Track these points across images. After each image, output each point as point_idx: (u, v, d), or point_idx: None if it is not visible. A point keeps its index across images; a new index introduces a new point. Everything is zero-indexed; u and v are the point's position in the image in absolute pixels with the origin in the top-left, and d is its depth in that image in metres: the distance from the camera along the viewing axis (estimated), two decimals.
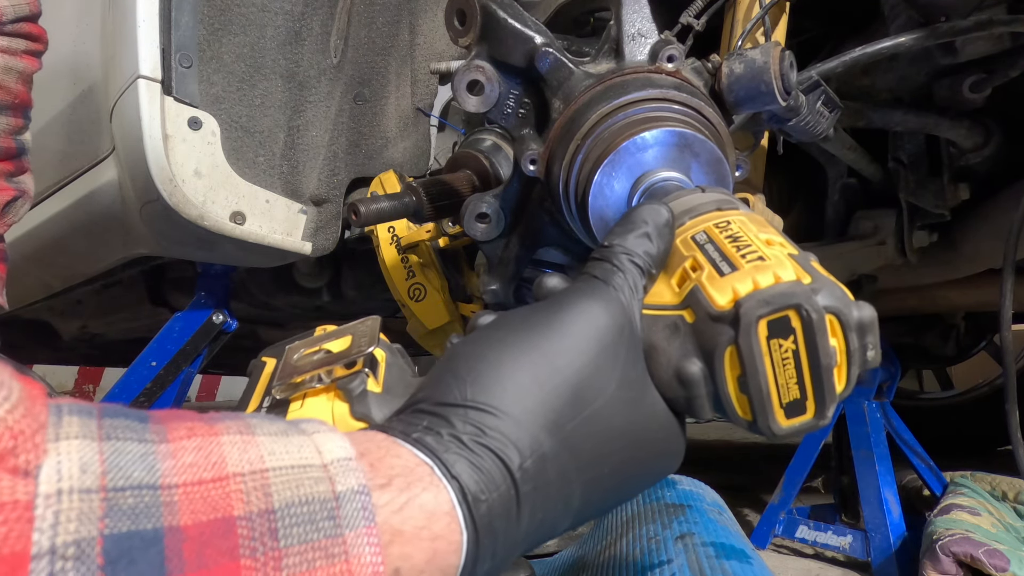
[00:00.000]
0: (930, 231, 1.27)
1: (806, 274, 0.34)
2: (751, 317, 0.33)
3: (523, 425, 0.32)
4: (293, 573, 0.26)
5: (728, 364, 0.34)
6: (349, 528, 0.28)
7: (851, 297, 0.35)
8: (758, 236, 0.37)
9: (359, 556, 0.27)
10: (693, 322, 0.35)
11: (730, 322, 0.33)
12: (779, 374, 0.33)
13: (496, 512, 0.31)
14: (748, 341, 0.33)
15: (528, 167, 0.58)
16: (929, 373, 2.53)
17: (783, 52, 0.62)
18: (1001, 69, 1.03)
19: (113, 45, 1.03)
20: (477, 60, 0.57)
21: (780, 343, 0.33)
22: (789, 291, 0.33)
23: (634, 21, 0.58)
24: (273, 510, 0.26)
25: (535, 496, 0.32)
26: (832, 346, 0.34)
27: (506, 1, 0.57)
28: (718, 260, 0.36)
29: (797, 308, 0.33)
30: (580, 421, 0.34)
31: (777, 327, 0.33)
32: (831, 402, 0.34)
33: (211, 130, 1.04)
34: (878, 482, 1.21)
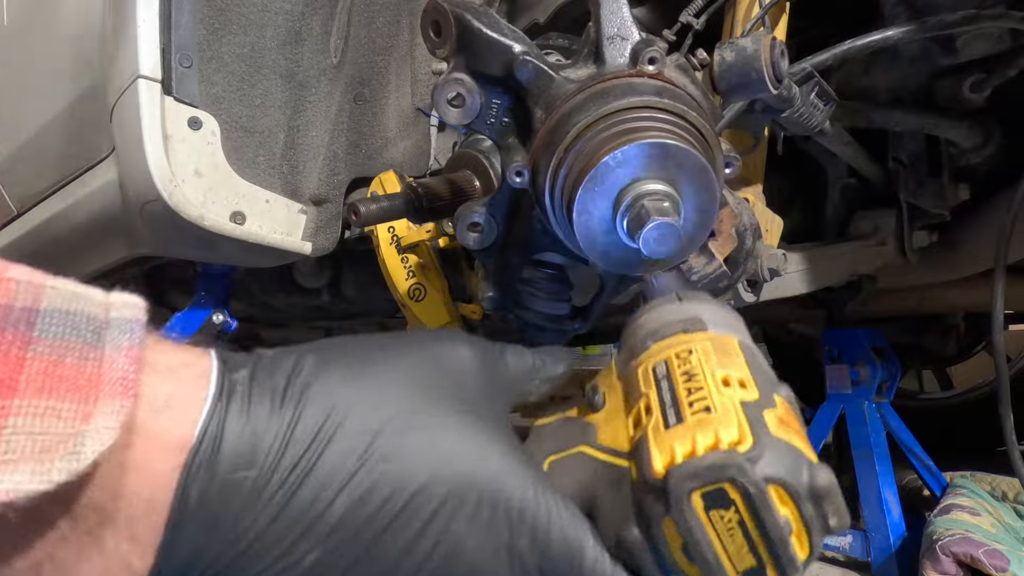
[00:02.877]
0: (930, 231, 1.27)
1: (749, 435, 0.31)
2: (681, 491, 0.30)
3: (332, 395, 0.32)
4: (40, 359, 0.26)
5: (668, 534, 0.32)
6: (111, 345, 0.28)
7: (809, 456, 0.32)
8: (715, 373, 0.34)
9: (112, 362, 0.28)
10: (635, 481, 0.33)
11: (661, 495, 0.31)
12: (727, 543, 0.31)
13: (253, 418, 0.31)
14: (682, 516, 0.30)
15: (514, 179, 0.58)
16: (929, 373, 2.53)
17: (774, 40, 0.62)
18: (1001, 69, 1.03)
19: (113, 45, 1.03)
20: (455, 72, 0.56)
21: (722, 514, 0.31)
22: (721, 463, 0.30)
23: (613, 22, 0.56)
24: (37, 309, 0.27)
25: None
26: (783, 516, 0.31)
27: (481, 9, 0.56)
28: (668, 405, 0.33)
29: (731, 482, 0.30)
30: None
31: (714, 499, 0.30)
32: (794, 571, 0.31)
33: (211, 130, 1.04)
34: (878, 482, 1.21)
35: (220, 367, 0.32)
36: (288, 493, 0.30)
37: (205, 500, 0.29)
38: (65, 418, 0.26)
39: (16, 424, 0.25)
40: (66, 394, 0.26)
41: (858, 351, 1.32)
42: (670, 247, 0.47)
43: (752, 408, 0.33)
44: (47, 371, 0.26)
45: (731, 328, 0.38)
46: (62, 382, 0.26)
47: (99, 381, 0.27)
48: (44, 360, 0.26)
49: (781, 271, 0.77)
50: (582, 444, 0.37)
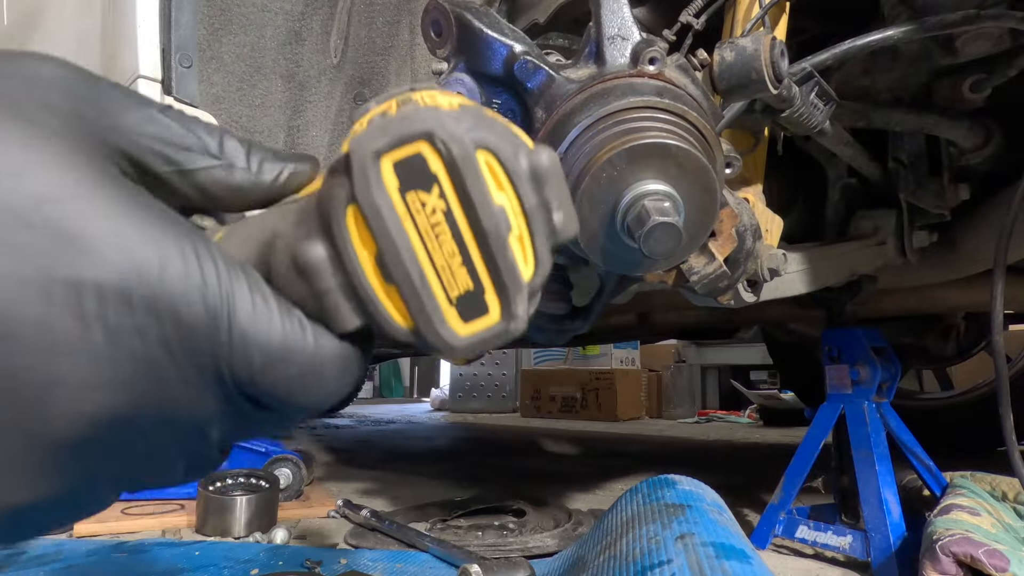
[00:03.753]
0: (930, 231, 1.28)
1: (457, 103, 0.25)
2: (364, 152, 0.23)
3: None
4: None
5: (355, 234, 0.23)
6: None
7: (523, 138, 0.25)
8: (434, 97, 0.26)
9: None
10: (319, 190, 0.25)
11: (344, 169, 0.23)
12: (432, 249, 0.23)
13: None
14: (366, 187, 0.22)
15: None
16: (929, 373, 2.53)
17: (774, 40, 0.62)
18: (1001, 69, 1.04)
19: (113, 45, 1.03)
20: (456, 72, 0.57)
21: (421, 199, 0.23)
22: (415, 114, 0.23)
23: (613, 22, 0.57)
24: None
25: None
26: (498, 204, 0.23)
27: (482, 10, 0.57)
28: (376, 118, 0.25)
29: (429, 138, 0.23)
30: None
31: (410, 172, 0.23)
32: (516, 290, 0.24)
33: None
34: (878, 482, 1.21)
35: None
36: None
37: None
38: None
39: None
40: None
41: (858, 351, 1.32)
42: (670, 247, 0.47)
43: (464, 107, 0.25)
44: None
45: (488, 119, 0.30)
46: None
47: None
48: None
49: (781, 271, 0.77)
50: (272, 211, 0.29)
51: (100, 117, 0.27)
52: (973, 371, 2.22)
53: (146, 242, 0.23)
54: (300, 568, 1.09)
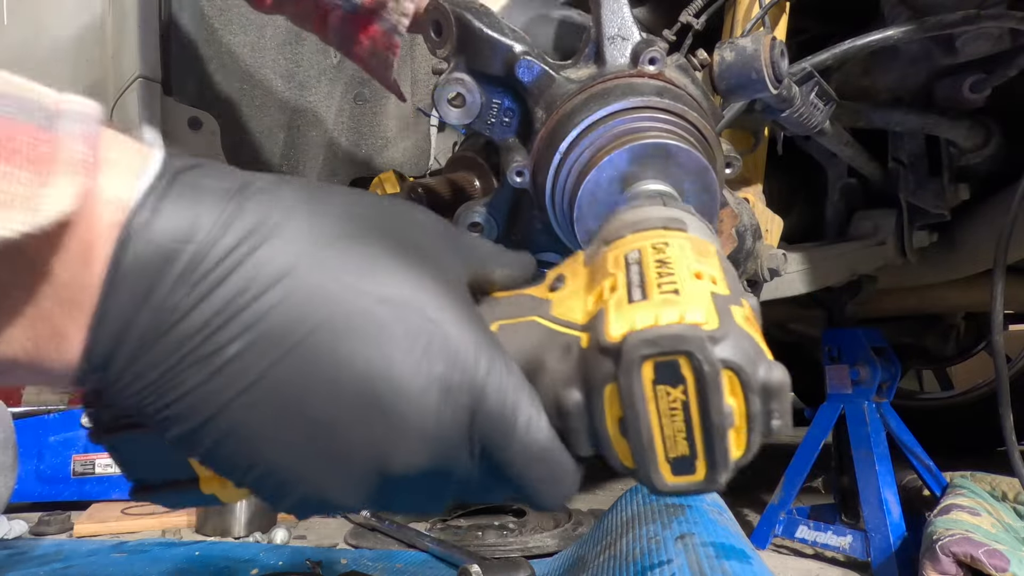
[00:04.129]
0: (930, 231, 1.28)
1: (715, 317, 0.30)
2: (634, 356, 0.29)
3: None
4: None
5: (608, 402, 0.30)
6: (65, 131, 0.27)
7: (767, 354, 0.31)
8: (689, 266, 0.33)
9: (69, 145, 0.27)
10: (586, 348, 0.32)
11: (613, 357, 0.30)
12: (665, 424, 0.30)
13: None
14: (628, 381, 0.29)
15: (515, 179, 0.58)
16: (929, 373, 2.53)
17: (774, 40, 0.62)
18: (1001, 69, 1.03)
19: (113, 45, 1.03)
20: (456, 72, 0.56)
21: (668, 391, 0.29)
22: (680, 334, 0.29)
23: (613, 22, 0.56)
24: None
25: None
26: (729, 405, 0.30)
27: (482, 10, 0.56)
28: (635, 285, 0.32)
29: (688, 356, 0.29)
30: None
31: (665, 372, 0.29)
32: (723, 468, 0.30)
33: (211, 130, 1.04)
34: (878, 482, 1.21)
35: (165, 156, 0.31)
36: (223, 273, 0.29)
37: (141, 264, 0.28)
38: (23, 183, 0.25)
39: None
40: (21, 164, 0.25)
41: (858, 351, 1.32)
42: None
43: (720, 300, 0.31)
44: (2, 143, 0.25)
45: (710, 238, 0.38)
46: (15, 155, 0.25)
47: (54, 160, 0.26)
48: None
49: (781, 271, 0.77)
50: (534, 314, 0.36)
51: (460, 251, 0.37)
52: (973, 371, 2.22)
53: (485, 350, 0.32)
54: (300, 568, 1.09)
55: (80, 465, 1.61)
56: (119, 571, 1.09)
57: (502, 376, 0.32)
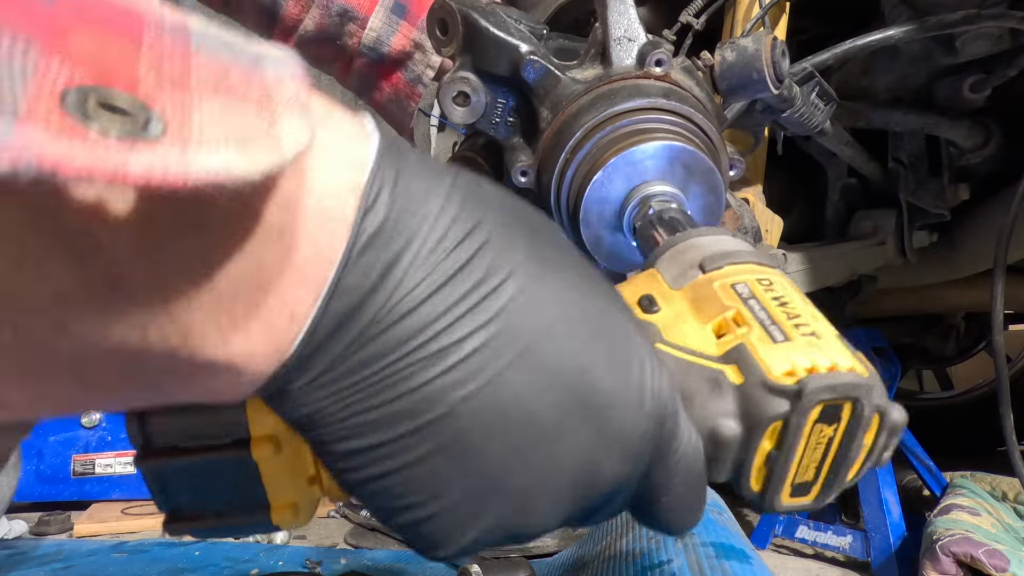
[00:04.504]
0: (930, 231, 1.28)
1: (862, 365, 0.33)
2: (814, 399, 0.31)
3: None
4: (204, 67, 0.21)
5: (767, 436, 0.32)
6: (272, 72, 0.23)
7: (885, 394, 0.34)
8: (804, 306, 0.35)
9: (280, 84, 0.23)
10: (741, 384, 0.33)
11: (789, 397, 0.31)
12: (806, 456, 0.32)
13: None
14: (800, 421, 0.31)
15: (519, 179, 0.58)
16: (929, 373, 2.53)
17: (775, 40, 0.62)
18: (1001, 69, 1.04)
19: None
20: (461, 71, 0.56)
21: (823, 428, 0.32)
22: (854, 383, 0.31)
23: (620, 23, 0.57)
24: (187, 28, 0.22)
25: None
26: (864, 442, 0.33)
27: (488, 9, 0.56)
28: (767, 323, 0.34)
29: (855, 401, 0.32)
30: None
31: (829, 413, 0.32)
32: (835, 491, 0.34)
33: None
34: (878, 482, 1.21)
35: (377, 126, 0.27)
36: (461, 261, 0.26)
37: (384, 229, 0.25)
38: (250, 118, 0.21)
39: (202, 116, 0.20)
40: (243, 97, 0.21)
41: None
42: None
43: (847, 343, 0.34)
44: (216, 79, 0.21)
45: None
46: (232, 91, 0.21)
47: (271, 98, 0.22)
48: (209, 68, 0.21)
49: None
50: (653, 340, 0.35)
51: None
52: (973, 371, 2.22)
53: (663, 368, 0.32)
54: (300, 568, 1.09)
55: (80, 465, 1.61)
56: (119, 571, 1.09)
57: (677, 397, 0.32)
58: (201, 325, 0.22)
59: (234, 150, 0.20)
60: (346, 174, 0.25)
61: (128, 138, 0.18)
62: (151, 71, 0.20)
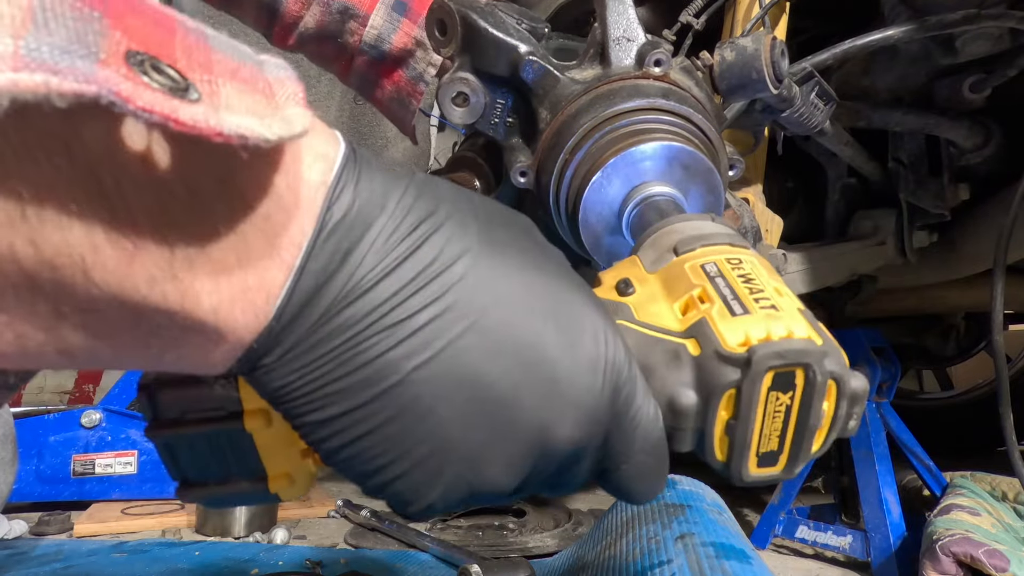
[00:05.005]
0: (930, 231, 1.28)
1: (817, 334, 0.34)
2: (763, 366, 0.32)
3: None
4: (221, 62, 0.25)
5: (723, 405, 0.33)
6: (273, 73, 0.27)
7: (846, 362, 0.35)
8: (769, 282, 0.36)
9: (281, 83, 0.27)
10: (698, 355, 0.34)
11: (740, 365, 0.32)
12: (766, 425, 0.33)
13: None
14: (752, 388, 0.32)
15: (518, 179, 0.58)
16: (929, 373, 2.53)
17: (774, 40, 0.62)
18: (1001, 69, 1.04)
19: None
20: (460, 72, 0.56)
21: (778, 396, 0.33)
22: (803, 349, 0.32)
23: (619, 24, 0.56)
24: (204, 32, 0.26)
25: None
26: (823, 410, 0.34)
27: (487, 9, 0.56)
28: (729, 298, 0.35)
29: (807, 368, 0.32)
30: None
31: (781, 381, 0.33)
32: (803, 461, 0.34)
33: None
34: (878, 482, 1.21)
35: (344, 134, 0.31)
36: (415, 243, 0.29)
37: (344, 222, 0.28)
38: (262, 102, 0.25)
39: (227, 92, 0.24)
40: (254, 88, 0.26)
41: (858, 351, 1.32)
42: None
43: (808, 316, 0.35)
44: (232, 71, 0.25)
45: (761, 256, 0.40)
46: (246, 81, 0.25)
47: (275, 92, 0.26)
48: (225, 62, 0.25)
49: (781, 271, 0.77)
50: (620, 318, 0.37)
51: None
52: (973, 371, 2.22)
53: (622, 340, 0.34)
54: (300, 568, 1.09)
55: (80, 465, 1.61)
56: (119, 571, 1.09)
57: (634, 365, 0.34)
58: (197, 289, 0.25)
59: (255, 118, 0.24)
60: (319, 169, 0.28)
61: (176, 96, 0.22)
62: (184, 55, 0.24)
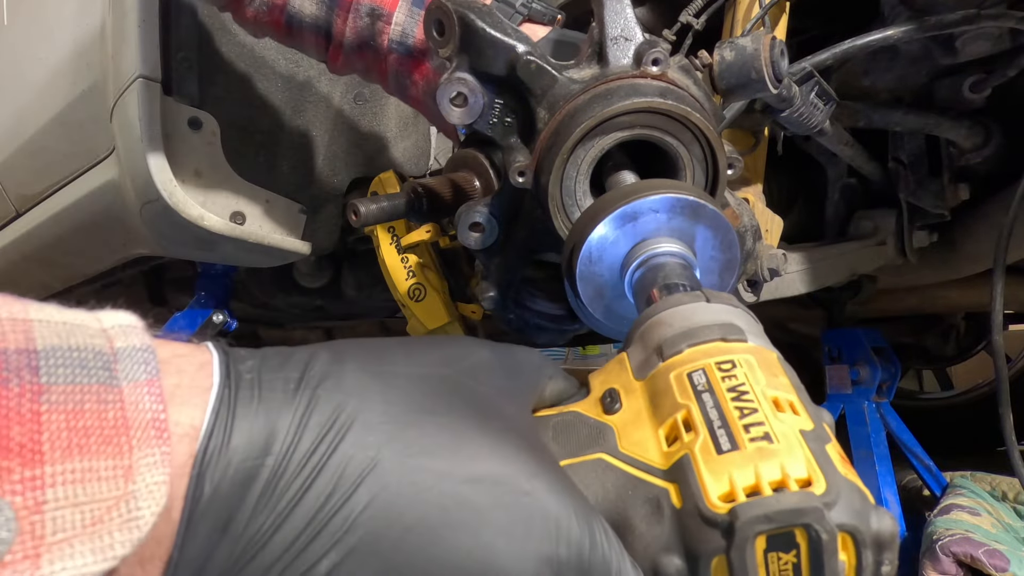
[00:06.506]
0: (930, 231, 1.27)
1: (820, 473, 0.29)
2: (748, 532, 0.28)
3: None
4: (57, 411, 0.23)
5: (715, 572, 0.29)
6: (127, 380, 0.25)
7: (871, 500, 0.30)
8: (765, 393, 0.31)
9: (137, 403, 0.25)
10: (680, 508, 0.30)
11: (723, 531, 0.28)
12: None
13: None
14: (742, 558, 0.28)
15: (517, 179, 0.58)
16: (929, 373, 2.53)
17: (773, 40, 0.62)
18: (1001, 69, 1.03)
19: (113, 45, 1.03)
20: (458, 72, 0.56)
21: (780, 556, 0.28)
22: (797, 507, 0.28)
23: (616, 23, 0.56)
24: (35, 350, 0.23)
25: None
26: (841, 561, 0.29)
27: (484, 9, 0.56)
28: (716, 426, 0.30)
29: (806, 527, 0.28)
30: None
31: (778, 542, 0.28)
32: None
33: (211, 130, 1.04)
34: (878, 482, 1.21)
35: (222, 357, 0.29)
36: (305, 483, 0.27)
37: (219, 492, 0.26)
38: (106, 479, 0.23)
39: (57, 496, 0.22)
40: (98, 450, 0.23)
41: (858, 351, 1.32)
42: None
43: (813, 440, 0.30)
44: (69, 425, 0.23)
45: (765, 340, 0.35)
46: (89, 435, 0.23)
47: (127, 427, 0.24)
48: (62, 411, 0.23)
49: (781, 271, 0.77)
50: (601, 451, 0.33)
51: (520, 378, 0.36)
52: (973, 371, 2.22)
53: (584, 516, 0.29)
54: None
55: None
56: None
57: (604, 546, 0.30)
58: None
59: (89, 550, 0.22)
60: (182, 450, 0.26)
61: None
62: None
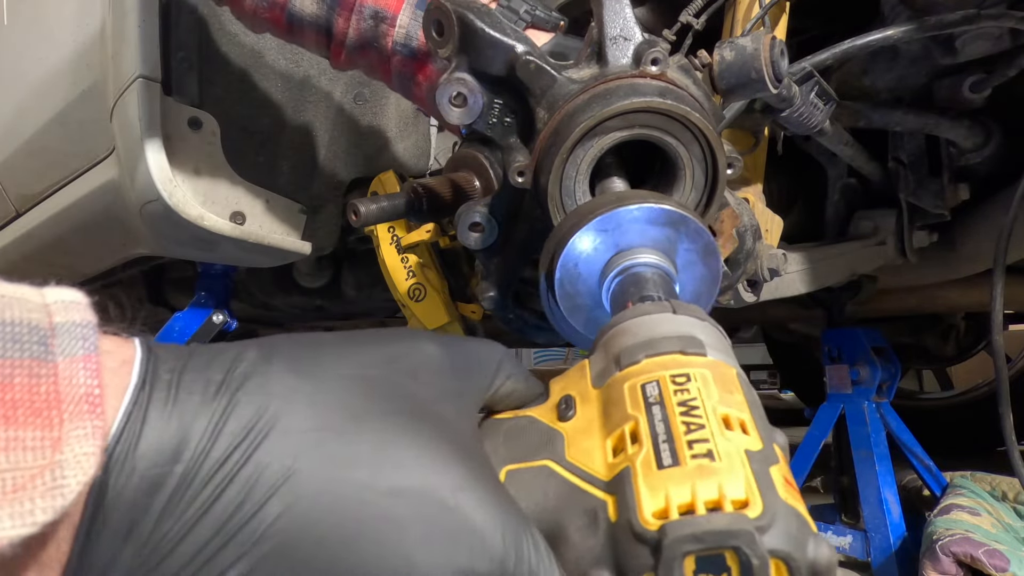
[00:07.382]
0: (930, 231, 1.28)
1: (758, 495, 0.28)
2: (676, 551, 0.27)
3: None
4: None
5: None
6: (63, 355, 0.25)
7: (811, 526, 0.29)
8: (716, 410, 0.30)
9: (71, 377, 0.25)
10: (615, 522, 0.29)
11: (651, 548, 0.27)
12: None
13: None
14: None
15: (516, 179, 0.58)
16: (929, 373, 2.53)
17: (773, 39, 0.62)
18: (1001, 69, 1.03)
19: (113, 45, 1.03)
20: (457, 72, 0.56)
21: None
22: (727, 529, 0.27)
23: (616, 23, 0.56)
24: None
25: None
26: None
27: (484, 10, 0.56)
28: (661, 440, 0.30)
29: (736, 551, 0.27)
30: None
31: (708, 564, 0.27)
32: None
33: (211, 130, 1.04)
34: (878, 482, 1.21)
35: (145, 355, 0.28)
36: (215, 492, 0.26)
37: (123, 499, 0.25)
38: (32, 448, 0.23)
39: None
40: (25, 421, 0.23)
41: (858, 351, 1.32)
42: None
43: (757, 461, 0.29)
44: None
45: (728, 355, 0.35)
46: (16, 407, 0.23)
47: (59, 400, 0.24)
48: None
49: (781, 271, 0.77)
50: (547, 458, 0.33)
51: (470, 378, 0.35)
52: (973, 371, 2.22)
53: (512, 530, 0.29)
54: None
55: None
56: None
57: (531, 561, 0.29)
58: None
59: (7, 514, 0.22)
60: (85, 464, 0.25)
61: None
62: None
